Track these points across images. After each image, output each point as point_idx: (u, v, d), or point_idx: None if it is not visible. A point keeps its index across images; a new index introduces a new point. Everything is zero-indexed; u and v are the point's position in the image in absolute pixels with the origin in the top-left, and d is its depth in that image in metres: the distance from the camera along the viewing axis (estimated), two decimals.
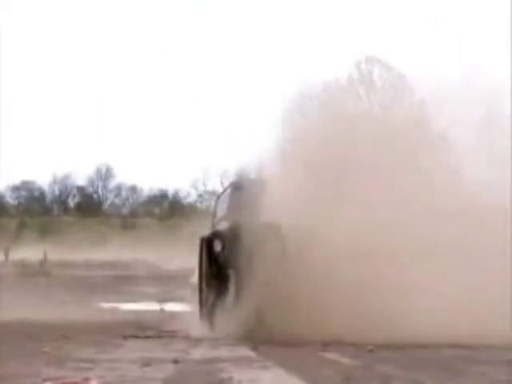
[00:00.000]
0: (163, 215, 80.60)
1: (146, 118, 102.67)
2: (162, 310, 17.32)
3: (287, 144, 11.50)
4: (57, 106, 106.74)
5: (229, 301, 11.03)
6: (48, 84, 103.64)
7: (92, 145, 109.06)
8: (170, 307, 18.01)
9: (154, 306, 18.40)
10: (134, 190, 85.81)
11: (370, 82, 11.45)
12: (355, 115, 11.23)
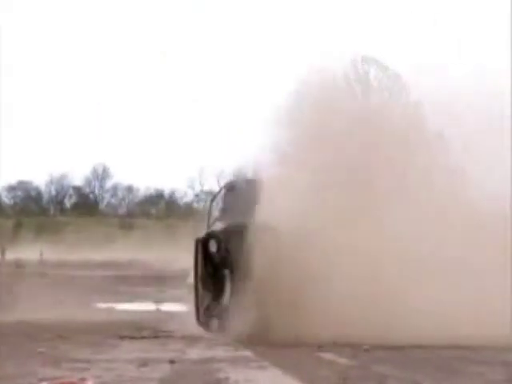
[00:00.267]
0: (160, 215, 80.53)
1: (143, 118, 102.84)
2: (159, 311, 17.32)
3: (284, 145, 11.48)
4: (53, 106, 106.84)
5: (224, 301, 11.02)
6: (45, 84, 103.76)
7: (88, 145, 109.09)
8: (167, 307, 18.00)
9: (151, 307, 18.39)
10: (131, 190, 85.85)
11: (366, 82, 11.45)
12: (351, 116, 11.21)
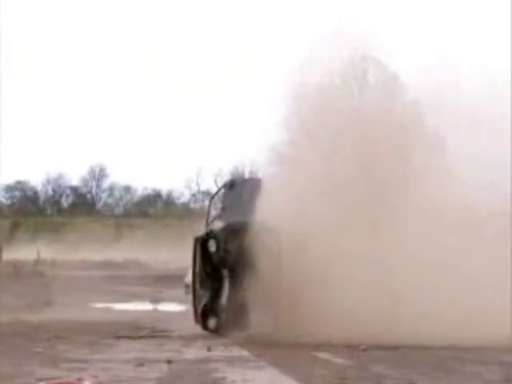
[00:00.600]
0: (157, 215, 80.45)
1: (140, 118, 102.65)
2: (156, 310, 17.33)
3: (282, 145, 11.48)
4: (50, 106, 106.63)
5: (223, 301, 11.02)
6: (42, 84, 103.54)
7: (85, 145, 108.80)
8: (164, 307, 18.02)
9: (148, 306, 18.41)
10: (128, 190, 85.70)
11: (364, 81, 11.44)
12: (349, 115, 11.21)
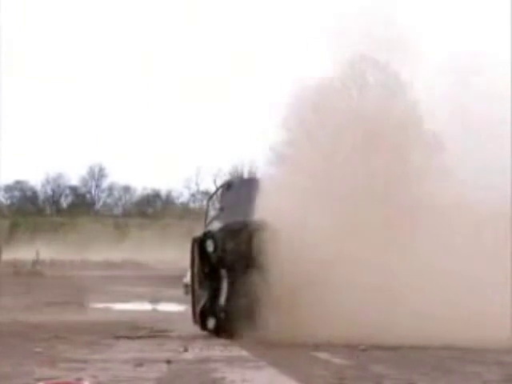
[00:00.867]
0: (156, 215, 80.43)
1: (139, 118, 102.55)
2: (155, 310, 17.33)
3: (281, 145, 11.48)
4: (50, 106, 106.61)
5: (221, 301, 11.02)
6: (42, 84, 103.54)
7: (85, 144, 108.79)
8: (163, 307, 18.02)
9: (147, 307, 18.41)
10: (127, 190, 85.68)
11: (363, 82, 11.43)
12: (348, 115, 11.21)
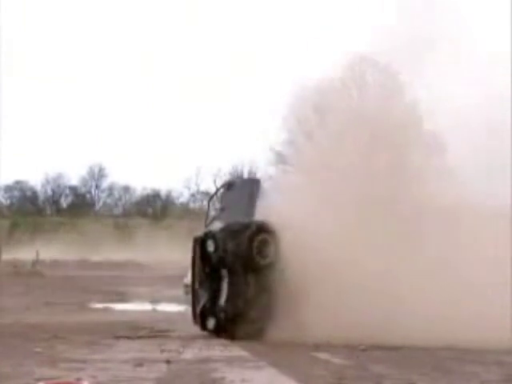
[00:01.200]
0: (156, 215, 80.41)
1: (139, 118, 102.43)
2: (155, 311, 17.33)
3: (281, 145, 11.50)
4: (49, 106, 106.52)
5: (221, 301, 11.02)
6: (42, 84, 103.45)
7: (85, 144, 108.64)
8: (163, 307, 18.01)
9: (147, 307, 18.40)
10: (127, 190, 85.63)
11: (363, 82, 11.44)
12: (348, 115, 11.21)
